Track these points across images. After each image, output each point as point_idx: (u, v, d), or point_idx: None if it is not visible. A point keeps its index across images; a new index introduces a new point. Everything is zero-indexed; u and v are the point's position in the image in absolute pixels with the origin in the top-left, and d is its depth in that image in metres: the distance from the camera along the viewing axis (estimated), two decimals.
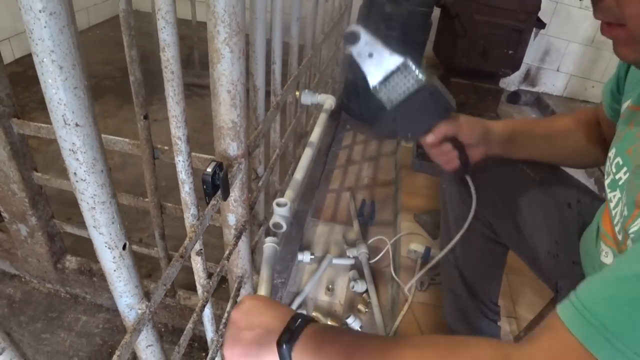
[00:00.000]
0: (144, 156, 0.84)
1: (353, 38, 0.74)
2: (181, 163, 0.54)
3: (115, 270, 0.44)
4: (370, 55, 0.76)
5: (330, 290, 1.43)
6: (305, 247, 1.58)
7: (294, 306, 1.36)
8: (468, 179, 0.87)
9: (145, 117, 0.77)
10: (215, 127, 0.69)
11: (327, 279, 1.48)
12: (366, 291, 1.43)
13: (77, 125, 0.33)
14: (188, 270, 0.77)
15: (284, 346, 0.56)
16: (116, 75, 2.61)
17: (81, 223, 1.13)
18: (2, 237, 1.32)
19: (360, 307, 1.38)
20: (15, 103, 0.93)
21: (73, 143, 0.34)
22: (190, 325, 0.68)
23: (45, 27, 0.28)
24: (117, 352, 0.47)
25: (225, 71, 0.63)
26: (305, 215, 1.65)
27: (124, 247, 0.43)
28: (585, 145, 0.89)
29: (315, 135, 1.13)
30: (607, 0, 0.51)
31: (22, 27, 2.09)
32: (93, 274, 1.24)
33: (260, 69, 0.81)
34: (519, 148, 0.89)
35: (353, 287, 1.44)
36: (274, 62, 0.95)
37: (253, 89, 0.83)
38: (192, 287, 1.28)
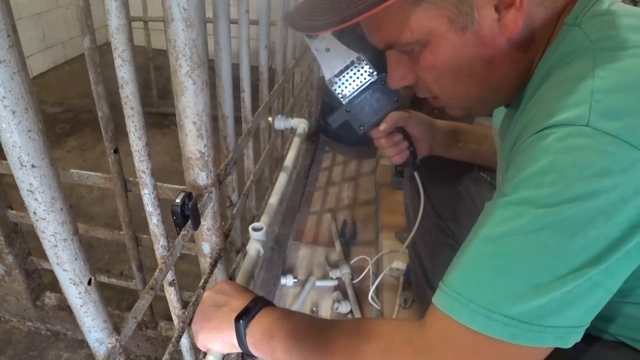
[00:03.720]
0: (116, 189, 0.84)
1: None
2: (147, 196, 0.55)
3: (82, 306, 0.44)
4: (327, 50, 0.84)
5: (314, 312, 1.43)
6: (287, 270, 1.58)
7: None
8: (416, 175, 0.93)
9: (116, 151, 0.78)
10: (184, 157, 0.70)
11: (310, 302, 1.48)
12: (350, 311, 1.43)
13: (33, 166, 0.34)
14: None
15: (241, 322, 0.63)
16: (94, 108, 2.61)
17: None
18: None
19: None
20: None
21: (30, 184, 0.34)
22: (166, 356, 0.68)
23: None
24: None
25: (190, 103, 0.64)
26: (286, 239, 1.65)
27: (89, 283, 0.43)
28: None
29: (289, 159, 1.15)
30: (421, 86, 0.66)
31: None
32: None
33: (227, 98, 0.83)
34: (461, 145, 0.93)
35: (337, 308, 1.44)
36: (243, 90, 0.97)
37: (222, 117, 0.84)
38: None
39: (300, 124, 1.27)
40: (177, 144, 0.77)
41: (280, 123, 1.27)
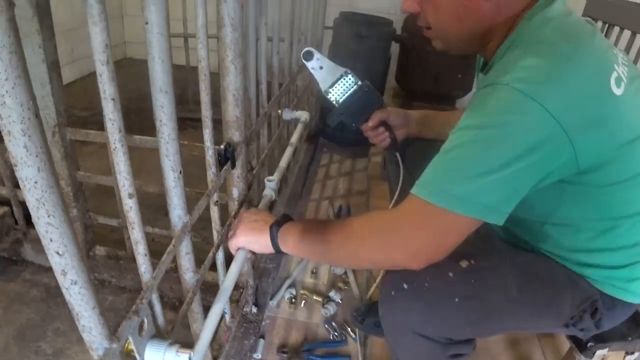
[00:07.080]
0: None
1: (309, 55, 1.06)
2: (207, 134, 0.85)
3: (174, 188, 0.74)
4: (321, 67, 1.07)
5: (314, 273, 1.72)
6: None
7: (284, 287, 1.64)
8: (397, 154, 1.20)
9: None
10: (224, 121, 1.01)
11: (311, 265, 1.76)
12: (345, 272, 1.72)
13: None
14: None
15: (274, 228, 0.90)
16: (100, 120, 2.92)
17: (112, 215, 1.42)
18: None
19: (340, 285, 1.67)
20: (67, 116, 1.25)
21: None
22: (210, 254, 0.98)
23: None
24: (171, 244, 0.77)
25: (232, 81, 0.95)
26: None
27: (180, 172, 0.74)
28: None
29: (294, 138, 1.47)
30: (422, 14, 0.87)
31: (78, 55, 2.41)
32: (119, 258, 1.53)
33: (252, 85, 1.14)
34: (429, 128, 1.23)
35: (334, 270, 1.72)
36: (260, 83, 1.29)
37: (247, 100, 1.15)
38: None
39: (303, 115, 1.58)
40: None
41: (288, 114, 1.58)
